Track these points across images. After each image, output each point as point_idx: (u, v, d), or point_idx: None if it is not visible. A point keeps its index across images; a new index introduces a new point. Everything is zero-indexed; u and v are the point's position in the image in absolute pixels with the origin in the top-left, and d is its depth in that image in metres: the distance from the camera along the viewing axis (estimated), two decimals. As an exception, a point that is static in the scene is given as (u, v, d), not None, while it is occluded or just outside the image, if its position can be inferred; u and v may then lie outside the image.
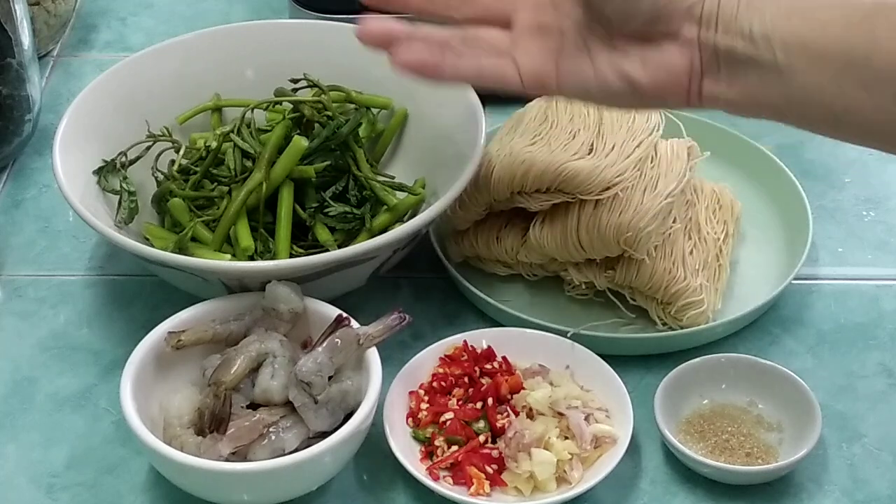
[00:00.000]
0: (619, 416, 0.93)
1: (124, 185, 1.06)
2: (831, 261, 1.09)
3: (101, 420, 0.98)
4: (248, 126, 1.06)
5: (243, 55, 1.15)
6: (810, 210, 1.08)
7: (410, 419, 0.95)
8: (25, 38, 1.17)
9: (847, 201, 1.15)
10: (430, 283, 1.08)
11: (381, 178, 1.07)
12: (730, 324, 1.01)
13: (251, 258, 1.00)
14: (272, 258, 1.00)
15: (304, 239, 1.03)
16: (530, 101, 1.09)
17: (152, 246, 1.01)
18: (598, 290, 1.03)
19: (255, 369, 0.92)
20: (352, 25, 1.14)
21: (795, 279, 1.04)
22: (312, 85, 1.09)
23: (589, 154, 1.02)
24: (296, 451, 0.88)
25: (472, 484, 0.90)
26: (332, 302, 0.95)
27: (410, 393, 0.96)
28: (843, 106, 0.77)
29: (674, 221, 1.02)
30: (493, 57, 0.85)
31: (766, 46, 0.78)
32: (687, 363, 0.96)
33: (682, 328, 1.00)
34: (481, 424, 0.93)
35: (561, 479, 0.91)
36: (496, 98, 1.19)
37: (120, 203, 1.05)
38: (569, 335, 0.98)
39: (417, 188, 1.07)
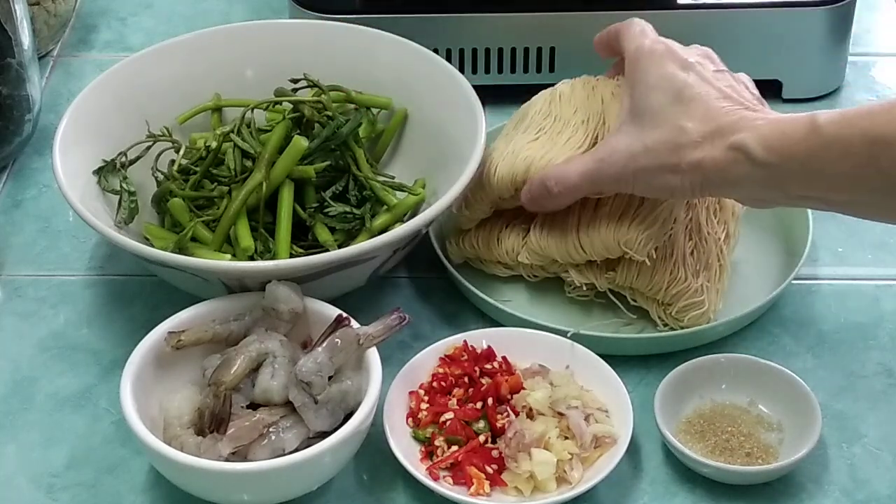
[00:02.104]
0: (619, 416, 0.93)
1: (124, 185, 1.06)
2: (831, 261, 1.09)
3: (101, 420, 0.98)
4: (248, 126, 1.06)
5: (243, 55, 1.15)
6: (810, 210, 1.08)
7: (410, 419, 0.95)
8: (25, 38, 1.17)
9: (847, 201, 1.15)
10: (430, 283, 1.08)
11: (381, 178, 1.07)
12: (730, 324, 1.01)
13: (251, 258, 1.00)
14: (272, 258, 1.00)
15: (304, 239, 1.03)
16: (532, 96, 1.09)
17: (152, 246, 1.01)
18: (598, 291, 1.03)
19: (255, 369, 0.92)
20: (351, 25, 1.15)
21: (795, 279, 1.04)
22: (312, 85, 1.09)
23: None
24: (296, 451, 0.88)
25: (472, 484, 0.90)
26: (332, 302, 0.95)
27: (410, 393, 0.96)
28: None
29: (674, 221, 1.02)
30: None
31: None
32: (687, 363, 0.96)
33: (683, 329, 1.00)
34: (481, 424, 0.93)
35: (561, 479, 0.91)
36: (496, 98, 1.19)
37: (120, 203, 1.05)
38: (569, 335, 0.98)
39: (417, 188, 1.07)
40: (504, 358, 0.97)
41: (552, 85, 1.08)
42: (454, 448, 0.92)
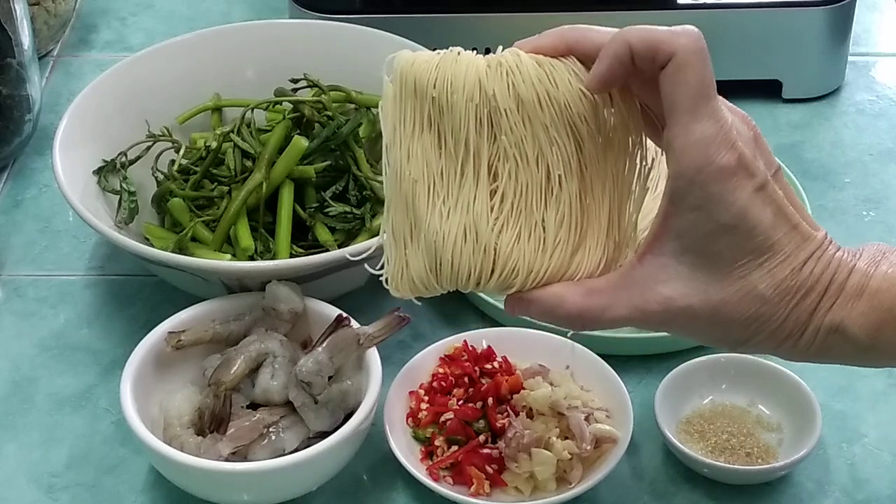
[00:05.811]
0: (619, 416, 0.93)
1: (124, 185, 1.06)
2: (831, 261, 1.09)
3: (101, 420, 0.98)
4: (248, 126, 1.06)
5: (243, 55, 1.15)
6: (810, 210, 1.08)
7: (410, 419, 0.95)
8: (25, 38, 1.17)
9: (847, 201, 1.15)
10: (430, 283, 1.08)
11: (381, 178, 1.07)
12: (730, 324, 1.01)
13: (251, 258, 1.00)
14: (272, 258, 1.00)
15: (304, 239, 1.03)
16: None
17: (152, 246, 1.01)
18: (598, 290, 1.03)
19: (255, 369, 0.92)
20: (352, 25, 1.15)
21: (795, 279, 1.04)
22: (312, 85, 1.09)
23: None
24: (296, 451, 0.88)
25: (472, 484, 0.90)
26: (332, 302, 0.95)
27: (410, 393, 0.96)
28: None
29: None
30: None
31: None
32: (687, 363, 0.96)
33: (682, 328, 1.00)
34: (481, 424, 0.93)
35: (561, 479, 0.91)
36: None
37: (120, 203, 1.05)
38: (569, 335, 0.98)
39: (417, 188, 1.07)
40: (504, 358, 0.97)
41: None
42: (454, 448, 0.92)
